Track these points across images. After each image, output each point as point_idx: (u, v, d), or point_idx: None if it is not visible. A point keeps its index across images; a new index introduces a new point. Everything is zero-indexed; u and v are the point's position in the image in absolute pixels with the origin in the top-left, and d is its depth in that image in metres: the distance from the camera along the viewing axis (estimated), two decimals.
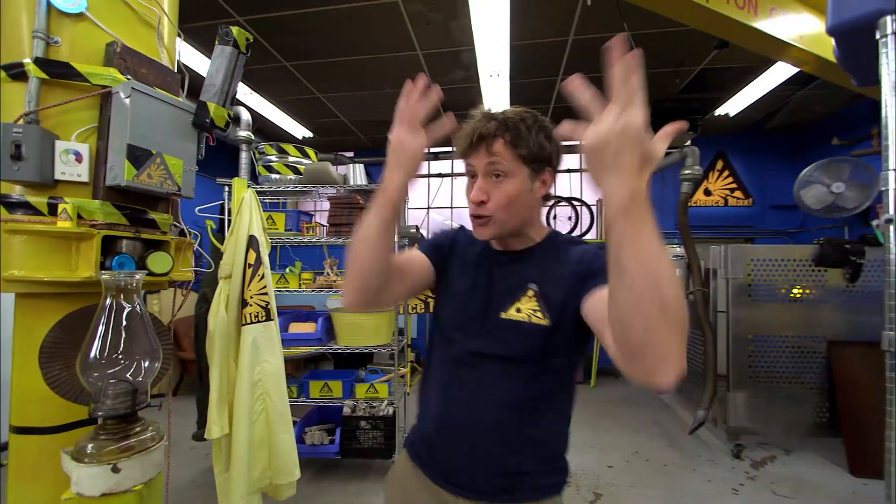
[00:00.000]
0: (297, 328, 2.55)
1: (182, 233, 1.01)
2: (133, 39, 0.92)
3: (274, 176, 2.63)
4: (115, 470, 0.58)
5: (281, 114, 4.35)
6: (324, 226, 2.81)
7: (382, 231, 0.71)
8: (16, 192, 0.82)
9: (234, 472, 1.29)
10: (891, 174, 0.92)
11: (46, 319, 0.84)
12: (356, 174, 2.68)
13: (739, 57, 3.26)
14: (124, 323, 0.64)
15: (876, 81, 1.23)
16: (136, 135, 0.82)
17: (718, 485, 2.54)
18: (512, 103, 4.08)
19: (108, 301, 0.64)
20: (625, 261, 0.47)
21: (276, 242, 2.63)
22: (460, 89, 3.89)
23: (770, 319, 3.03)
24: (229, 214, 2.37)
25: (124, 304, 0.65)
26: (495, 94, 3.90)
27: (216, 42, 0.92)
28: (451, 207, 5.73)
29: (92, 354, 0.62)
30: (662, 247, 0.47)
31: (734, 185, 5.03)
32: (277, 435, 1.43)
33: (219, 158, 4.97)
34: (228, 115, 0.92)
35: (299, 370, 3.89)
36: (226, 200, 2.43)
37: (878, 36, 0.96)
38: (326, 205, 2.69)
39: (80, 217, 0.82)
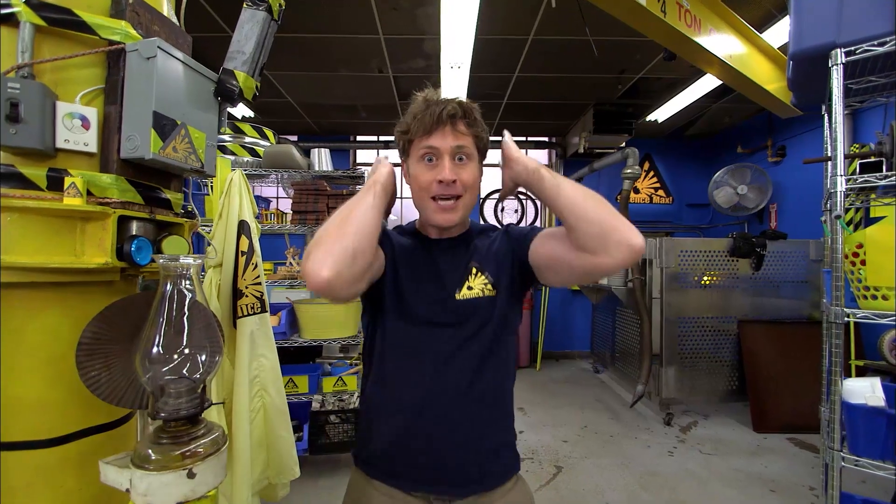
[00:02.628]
0: None
1: (189, 214, 0.91)
2: None
3: (228, 157, 2.41)
4: (191, 475, 0.52)
5: None
6: (284, 213, 2.64)
7: (377, 218, 0.73)
8: (0, 159, 0.68)
9: (237, 474, 1.19)
10: (839, 178, 1.11)
11: (39, 314, 0.71)
12: (322, 159, 2.56)
13: (672, 70, 3.64)
14: (186, 313, 0.57)
15: (814, 103, 1.47)
16: (162, 101, 0.72)
17: (657, 449, 2.87)
18: (469, 96, 4.10)
19: (169, 288, 0.56)
20: (564, 190, 0.74)
21: None
22: (419, 78, 3.84)
23: (694, 303, 3.47)
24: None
25: (186, 291, 0.58)
26: (454, 86, 3.92)
27: (244, 5, 0.83)
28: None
29: (155, 350, 0.54)
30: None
31: (658, 185, 5.61)
32: (277, 432, 1.34)
33: None
34: (256, 86, 0.84)
35: None
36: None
37: (830, 64, 1.15)
38: (274, 191, 2.53)
39: (89, 194, 0.71)
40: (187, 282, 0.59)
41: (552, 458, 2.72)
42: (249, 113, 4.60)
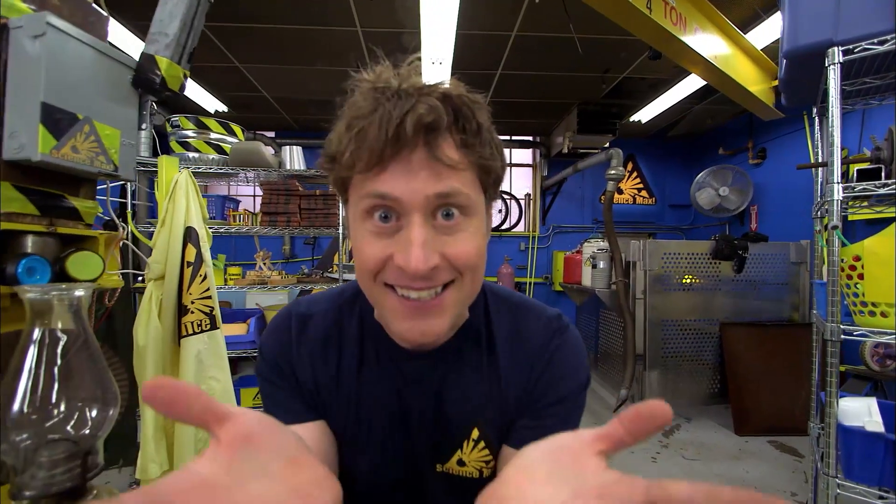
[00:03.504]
0: (227, 330, 2.22)
1: (108, 225, 0.78)
2: None
3: (192, 155, 2.25)
4: None
5: (190, 82, 3.75)
6: (253, 213, 2.48)
7: None
8: None
9: None
10: (836, 186, 1.04)
11: None
12: (293, 158, 2.41)
13: (656, 70, 3.60)
14: (61, 359, 0.45)
15: (805, 104, 1.41)
16: (53, 90, 0.59)
17: (640, 455, 2.83)
18: None
19: (37, 329, 0.44)
20: None
21: None
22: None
23: (677, 305, 3.45)
24: (133, 198, 1.97)
25: (60, 333, 0.45)
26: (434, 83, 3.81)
27: None
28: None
29: (16, 408, 0.42)
30: None
31: (641, 186, 5.61)
32: None
33: None
34: (185, 75, 0.72)
35: (234, 372, 3.45)
36: (136, 182, 2.00)
37: (826, 63, 1.08)
38: (249, 189, 2.38)
39: None
40: (74, 318, 0.47)
41: None
42: (223, 107, 4.40)
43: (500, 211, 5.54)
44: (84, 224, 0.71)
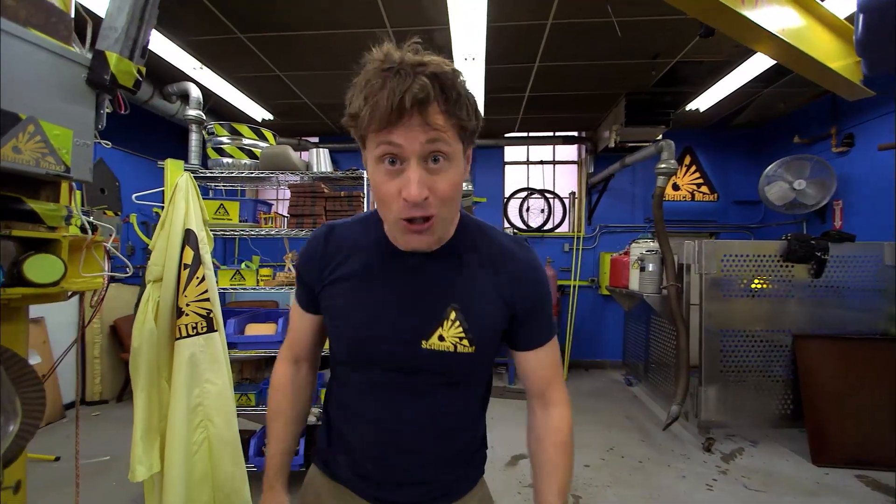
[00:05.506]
0: (254, 329, 2.29)
1: (83, 228, 0.77)
2: None
3: (226, 160, 2.34)
4: None
5: (237, 92, 3.96)
6: (284, 216, 2.54)
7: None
8: None
9: None
10: None
11: None
12: (320, 160, 2.43)
13: (713, 51, 3.24)
14: None
15: (888, 69, 1.15)
16: None
17: (693, 480, 2.53)
18: (487, 90, 3.90)
19: None
20: None
21: (230, 235, 2.34)
22: None
23: (740, 313, 3.06)
24: None
25: None
26: (469, 80, 3.70)
27: None
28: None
29: None
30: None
31: (701, 181, 5.11)
32: (223, 468, 1.20)
33: (165, 139, 4.49)
34: (139, 71, 0.69)
35: (261, 371, 3.60)
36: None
37: None
38: (288, 193, 2.43)
39: None
40: None
41: (571, 486, 2.45)
42: (268, 115, 4.61)
43: (542, 211, 5.32)
44: (46, 227, 0.70)
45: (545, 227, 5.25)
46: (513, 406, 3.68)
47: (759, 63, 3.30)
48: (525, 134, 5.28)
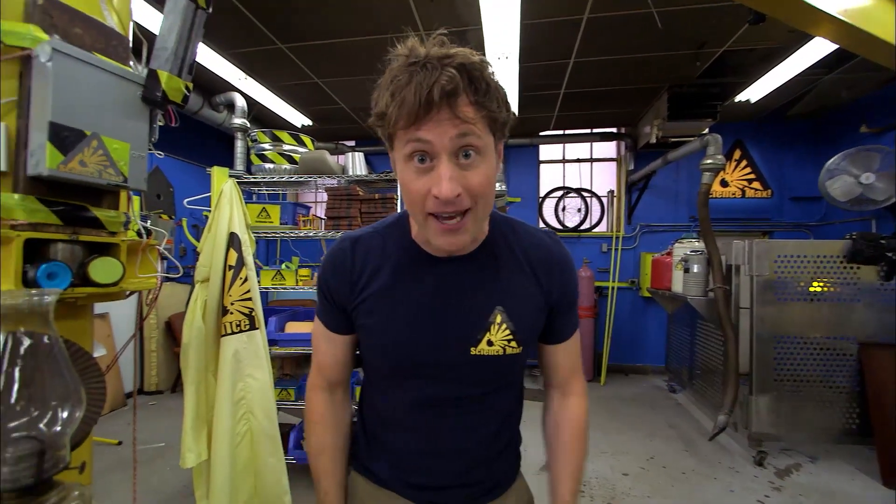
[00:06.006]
0: (294, 328, 2.39)
1: (139, 233, 0.84)
2: None
3: (268, 165, 2.46)
4: None
5: (278, 100, 4.15)
6: (322, 218, 2.63)
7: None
8: None
9: (215, 503, 1.14)
10: None
11: None
12: (355, 164, 2.50)
13: (766, 37, 3.03)
14: (25, 361, 0.48)
15: None
16: (61, 110, 0.64)
17: (742, 495, 2.38)
18: (521, 88, 3.86)
19: (2, 333, 0.47)
20: None
21: (271, 236, 2.46)
22: None
23: (796, 319, 2.84)
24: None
25: (24, 337, 0.48)
26: (503, 78, 3.67)
27: None
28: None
29: None
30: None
31: (752, 176, 4.80)
32: (264, 459, 1.27)
33: (215, 146, 4.78)
34: (186, 87, 0.74)
35: (300, 367, 3.75)
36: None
37: None
38: (322, 196, 2.52)
39: None
40: (40, 323, 0.50)
41: (607, 494, 2.38)
42: (308, 121, 4.79)
43: (578, 210, 5.18)
44: (107, 232, 0.77)
45: (582, 227, 5.12)
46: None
47: (818, 48, 3.06)
48: (561, 132, 5.17)
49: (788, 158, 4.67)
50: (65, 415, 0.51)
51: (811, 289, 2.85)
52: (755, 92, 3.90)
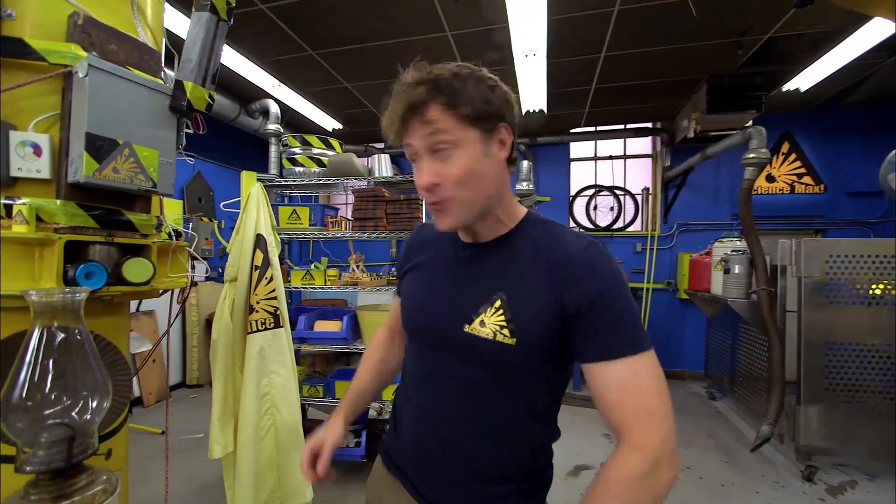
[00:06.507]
0: (322, 326, 2.46)
1: (170, 235, 0.89)
2: (105, 12, 0.79)
3: (298, 169, 2.54)
4: None
5: (310, 106, 4.28)
6: (349, 220, 2.69)
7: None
8: None
9: (240, 494, 1.19)
10: None
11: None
12: (381, 165, 2.54)
13: (817, 20, 2.82)
14: (57, 354, 0.52)
15: None
16: (96, 121, 0.69)
17: None
18: (549, 85, 3.79)
19: (38, 327, 0.51)
20: None
21: (301, 238, 2.54)
22: (493, 72, 3.60)
23: (852, 324, 2.63)
24: None
25: (57, 331, 0.52)
26: (531, 76, 3.63)
27: (193, 8, 0.78)
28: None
29: (16, 394, 0.49)
30: None
31: (802, 170, 4.48)
32: (287, 453, 1.32)
33: (252, 152, 4.99)
34: (210, 95, 0.78)
35: (330, 365, 3.86)
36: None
37: None
38: (351, 198, 2.58)
39: (41, 220, 0.71)
40: (72, 318, 0.54)
41: None
42: (338, 125, 4.91)
43: (611, 209, 5.02)
44: (140, 234, 0.82)
45: (615, 226, 4.95)
46: (579, 414, 3.52)
47: (876, 30, 2.81)
48: (592, 128, 5.03)
49: (844, 151, 4.32)
50: (94, 404, 0.55)
51: (871, 291, 2.63)
52: (805, 80, 3.64)
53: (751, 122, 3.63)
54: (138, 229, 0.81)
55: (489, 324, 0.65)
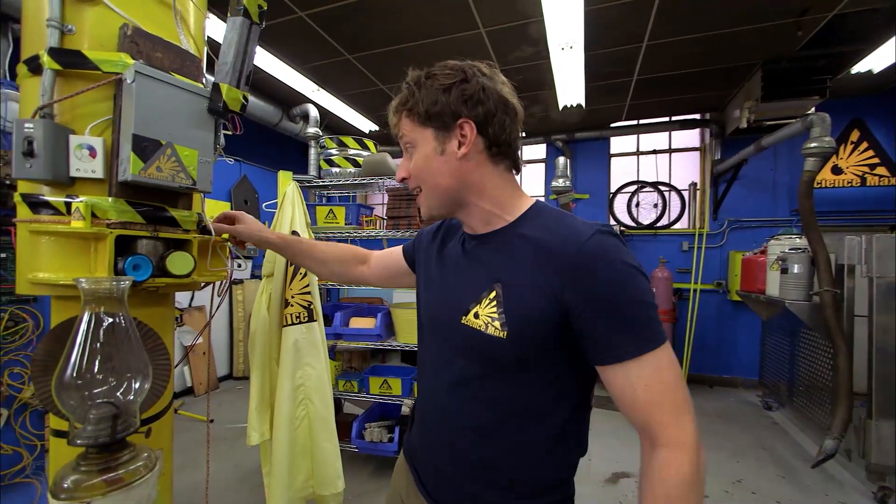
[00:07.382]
0: (357, 323, 2.52)
1: (205, 230, 0.94)
2: (151, 23, 0.84)
3: (334, 170, 2.62)
4: None
5: (347, 108, 4.40)
6: (383, 219, 2.74)
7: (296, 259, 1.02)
8: (43, 191, 0.80)
9: (275, 481, 1.25)
10: None
11: None
12: None
13: None
14: (104, 337, 0.56)
15: None
16: (141, 123, 0.74)
17: None
18: (587, 78, 3.67)
19: (87, 312, 0.56)
20: None
21: (337, 236, 2.61)
22: (529, 67, 3.58)
23: None
24: None
25: (104, 316, 0.56)
26: (568, 69, 3.53)
27: (228, 13, 0.82)
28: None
29: (68, 374, 0.54)
30: None
31: (875, 161, 4.06)
32: (320, 443, 1.36)
33: (293, 154, 5.21)
34: (244, 97, 0.82)
35: (366, 361, 3.95)
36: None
37: None
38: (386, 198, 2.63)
39: (95, 216, 0.77)
40: (116, 305, 0.58)
41: None
42: (375, 127, 5.02)
43: (654, 205, 4.79)
44: (182, 230, 0.87)
45: (659, 224, 4.72)
46: (616, 418, 3.39)
47: None
48: (634, 122, 4.82)
49: None
50: (136, 386, 0.59)
51: None
52: (878, 61, 3.30)
53: (813, 109, 3.34)
54: (180, 224, 0.86)
55: (482, 315, 0.65)
